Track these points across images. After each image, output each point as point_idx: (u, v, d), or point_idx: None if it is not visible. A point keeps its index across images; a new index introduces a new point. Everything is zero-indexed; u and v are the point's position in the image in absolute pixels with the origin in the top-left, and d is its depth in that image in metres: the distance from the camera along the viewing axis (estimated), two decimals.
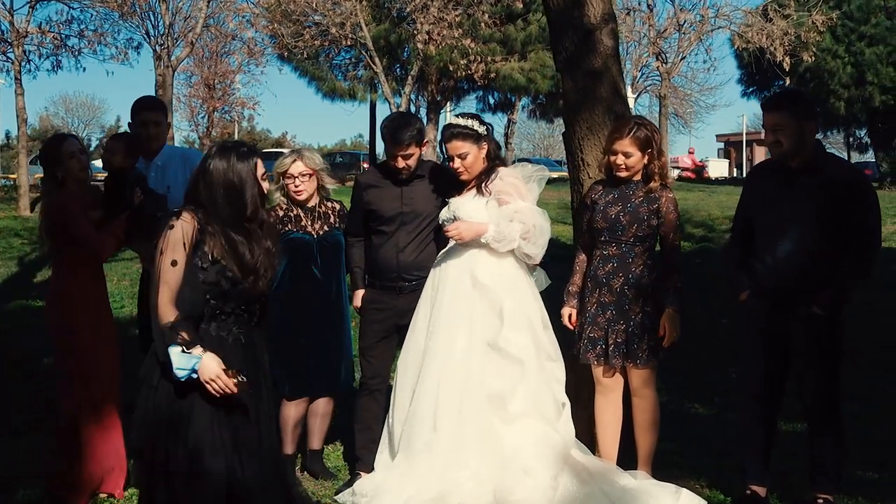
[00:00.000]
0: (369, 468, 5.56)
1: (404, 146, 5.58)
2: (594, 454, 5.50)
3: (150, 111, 6.16)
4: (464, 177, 5.44)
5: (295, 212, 5.84)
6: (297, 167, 5.77)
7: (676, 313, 5.40)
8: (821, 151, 5.35)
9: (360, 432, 5.79)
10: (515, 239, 5.30)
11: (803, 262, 5.11)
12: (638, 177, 5.46)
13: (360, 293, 5.83)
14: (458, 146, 5.40)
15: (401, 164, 5.61)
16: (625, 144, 5.36)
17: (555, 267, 5.82)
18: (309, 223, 5.83)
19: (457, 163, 5.42)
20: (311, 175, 5.81)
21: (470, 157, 5.40)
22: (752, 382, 5.42)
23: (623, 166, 5.39)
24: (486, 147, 5.46)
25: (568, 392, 5.71)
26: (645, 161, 5.40)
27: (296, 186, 5.78)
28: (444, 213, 5.53)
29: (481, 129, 5.46)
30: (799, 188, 5.16)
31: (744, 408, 5.57)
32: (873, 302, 10.58)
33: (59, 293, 5.59)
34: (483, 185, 5.44)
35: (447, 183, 5.63)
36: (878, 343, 9.34)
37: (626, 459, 5.52)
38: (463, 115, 5.59)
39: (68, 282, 5.53)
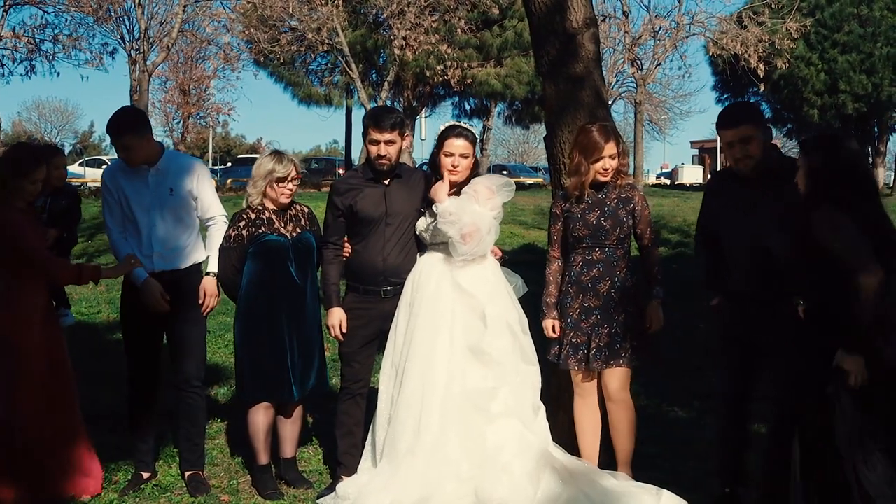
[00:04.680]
0: (352, 473, 5.57)
1: (388, 130, 5.59)
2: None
3: (121, 135, 5.70)
4: (456, 177, 5.49)
5: (267, 214, 5.82)
6: (294, 172, 5.83)
7: (660, 304, 5.53)
8: (777, 155, 5.42)
9: (342, 437, 5.77)
10: (457, 224, 5.33)
11: (777, 268, 5.14)
12: (610, 177, 5.54)
13: (335, 312, 5.69)
14: (465, 146, 5.52)
15: (383, 150, 5.60)
16: (612, 147, 5.44)
17: (533, 272, 5.85)
18: (282, 225, 5.82)
19: (458, 161, 5.47)
20: (298, 178, 5.89)
21: (470, 158, 5.52)
22: (724, 385, 5.47)
23: (610, 169, 5.45)
24: (474, 153, 5.59)
25: (549, 396, 5.77)
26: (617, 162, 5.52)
27: (290, 190, 5.81)
28: (423, 223, 5.56)
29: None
30: (759, 198, 5.15)
31: (717, 410, 5.63)
32: None
33: (3, 306, 5.43)
34: (461, 190, 5.53)
35: (425, 189, 5.67)
36: None
37: (605, 463, 5.57)
38: (458, 121, 5.69)
39: (13, 291, 5.41)
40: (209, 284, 5.91)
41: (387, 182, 5.67)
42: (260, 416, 5.83)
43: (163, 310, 5.71)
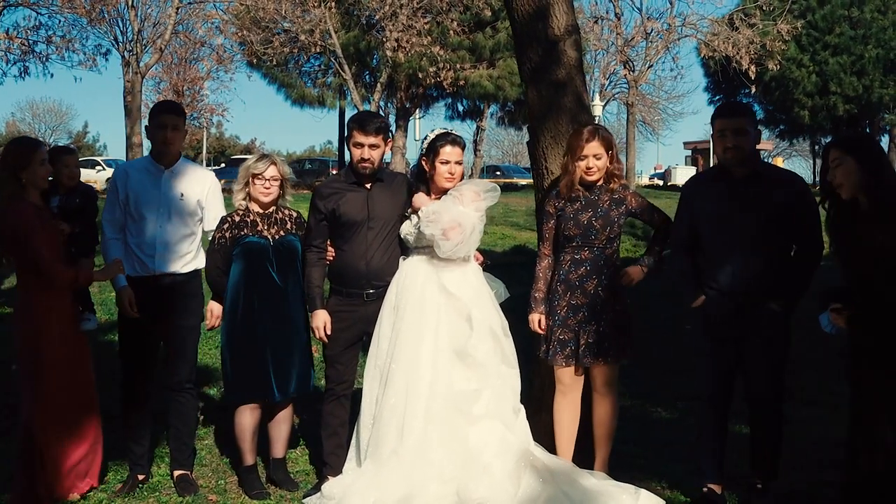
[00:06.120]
0: (337, 473, 5.64)
1: (373, 134, 5.68)
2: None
3: (170, 114, 5.99)
4: (452, 184, 5.61)
5: (252, 217, 5.90)
6: (272, 171, 5.88)
7: (643, 270, 5.65)
8: (761, 160, 5.57)
9: (327, 438, 5.84)
10: (439, 223, 5.44)
11: (760, 270, 5.26)
12: (602, 180, 5.64)
13: (320, 314, 5.76)
14: (460, 153, 5.64)
15: (366, 153, 5.68)
16: (594, 147, 5.53)
17: (525, 273, 5.93)
18: (265, 228, 5.89)
19: (455, 168, 5.59)
20: (280, 181, 5.92)
21: (462, 164, 5.64)
22: (707, 384, 5.57)
23: (595, 168, 5.55)
24: None
25: (533, 396, 5.86)
26: (608, 162, 5.59)
27: (266, 188, 5.86)
28: (408, 227, 5.66)
29: None
30: (747, 200, 5.29)
31: (701, 411, 5.73)
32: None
33: (24, 304, 5.59)
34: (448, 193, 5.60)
35: (407, 193, 5.76)
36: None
37: (584, 464, 5.66)
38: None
39: (33, 293, 5.54)
40: (217, 308, 6.03)
41: (369, 186, 5.75)
42: (246, 417, 5.90)
43: (131, 317, 5.83)
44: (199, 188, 6.04)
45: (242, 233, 5.84)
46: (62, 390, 5.54)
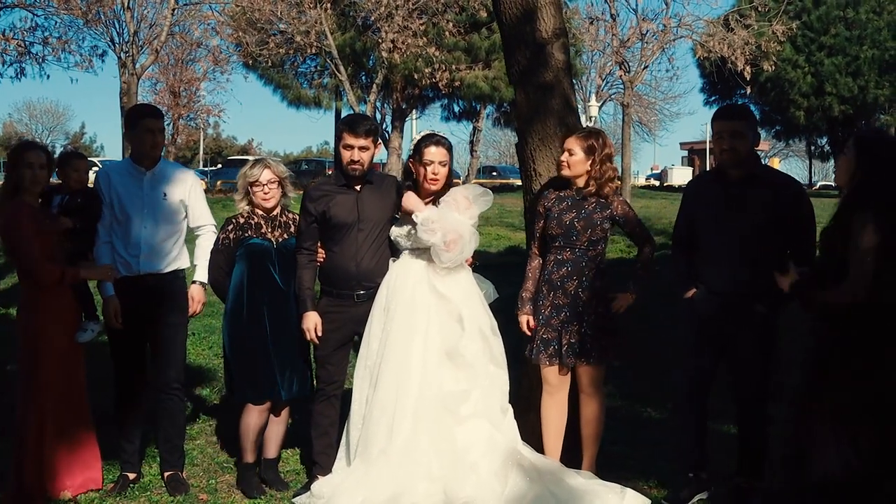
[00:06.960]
0: (327, 472, 5.68)
1: (363, 136, 5.72)
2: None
3: (155, 118, 6.06)
4: (436, 186, 5.63)
5: (256, 220, 5.96)
6: (267, 175, 5.93)
7: (632, 296, 5.70)
8: (759, 163, 5.61)
9: (317, 438, 5.87)
10: (439, 232, 5.46)
11: (753, 271, 5.30)
12: (584, 182, 5.67)
13: (311, 315, 5.77)
14: (444, 154, 5.65)
15: (356, 155, 5.72)
16: (570, 142, 5.66)
17: (518, 274, 5.98)
18: (269, 230, 5.94)
19: (438, 169, 5.62)
20: (278, 182, 5.97)
21: (447, 167, 5.66)
22: (689, 376, 5.63)
23: (565, 163, 5.65)
24: (451, 162, 5.73)
25: (521, 396, 5.91)
26: (588, 167, 5.63)
27: (265, 194, 5.92)
28: (401, 229, 5.69)
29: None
30: (742, 202, 5.35)
31: (681, 406, 5.80)
32: None
33: (24, 303, 5.71)
34: (440, 198, 5.64)
35: (397, 195, 5.78)
36: None
37: (572, 463, 5.70)
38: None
39: (30, 292, 5.63)
40: (196, 292, 6.09)
41: (358, 188, 5.79)
42: (254, 417, 5.93)
43: (115, 327, 5.88)
44: (181, 188, 6.08)
45: (246, 234, 5.91)
46: (56, 389, 5.61)
